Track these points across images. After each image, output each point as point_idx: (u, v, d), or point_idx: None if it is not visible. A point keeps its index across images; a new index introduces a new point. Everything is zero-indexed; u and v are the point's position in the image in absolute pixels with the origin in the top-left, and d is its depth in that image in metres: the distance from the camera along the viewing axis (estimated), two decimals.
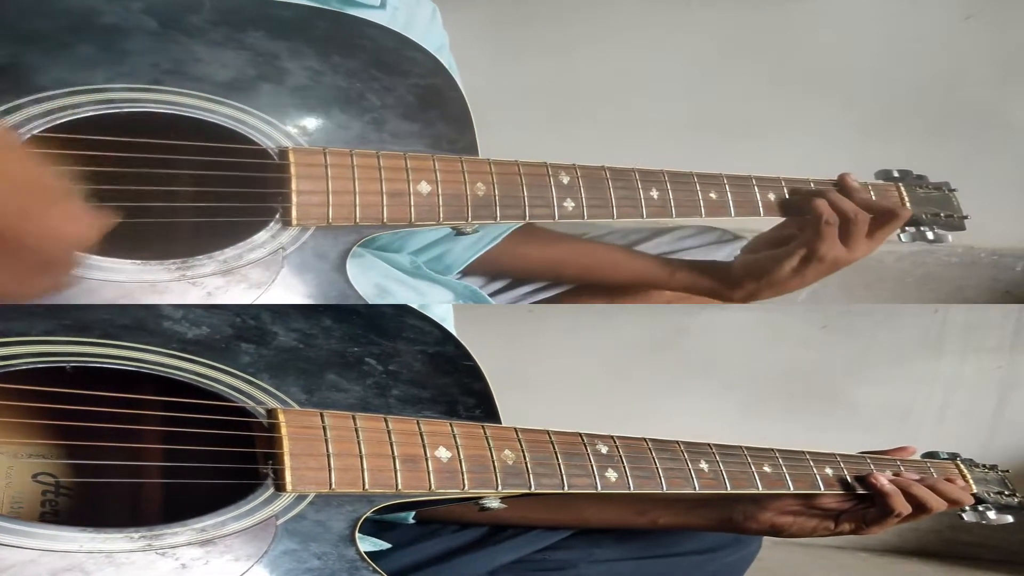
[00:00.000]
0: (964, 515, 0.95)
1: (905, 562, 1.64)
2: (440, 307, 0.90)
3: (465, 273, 1.02)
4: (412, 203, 0.70)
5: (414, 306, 0.76)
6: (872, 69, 1.52)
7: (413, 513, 0.89)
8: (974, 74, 1.53)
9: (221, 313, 0.67)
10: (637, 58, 1.50)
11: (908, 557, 1.65)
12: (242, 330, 0.67)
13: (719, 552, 0.94)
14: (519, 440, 0.71)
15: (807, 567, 1.58)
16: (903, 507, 0.87)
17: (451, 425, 0.69)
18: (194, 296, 0.63)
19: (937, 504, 0.88)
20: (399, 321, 0.74)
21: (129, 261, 0.61)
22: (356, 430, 0.65)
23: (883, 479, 0.88)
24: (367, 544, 0.82)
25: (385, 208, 0.69)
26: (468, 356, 0.75)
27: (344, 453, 0.64)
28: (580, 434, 0.74)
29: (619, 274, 1.03)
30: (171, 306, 0.64)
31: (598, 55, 1.50)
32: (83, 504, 0.67)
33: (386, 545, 0.84)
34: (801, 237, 0.90)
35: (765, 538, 0.98)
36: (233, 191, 0.65)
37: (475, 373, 0.74)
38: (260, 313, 0.68)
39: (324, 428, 0.64)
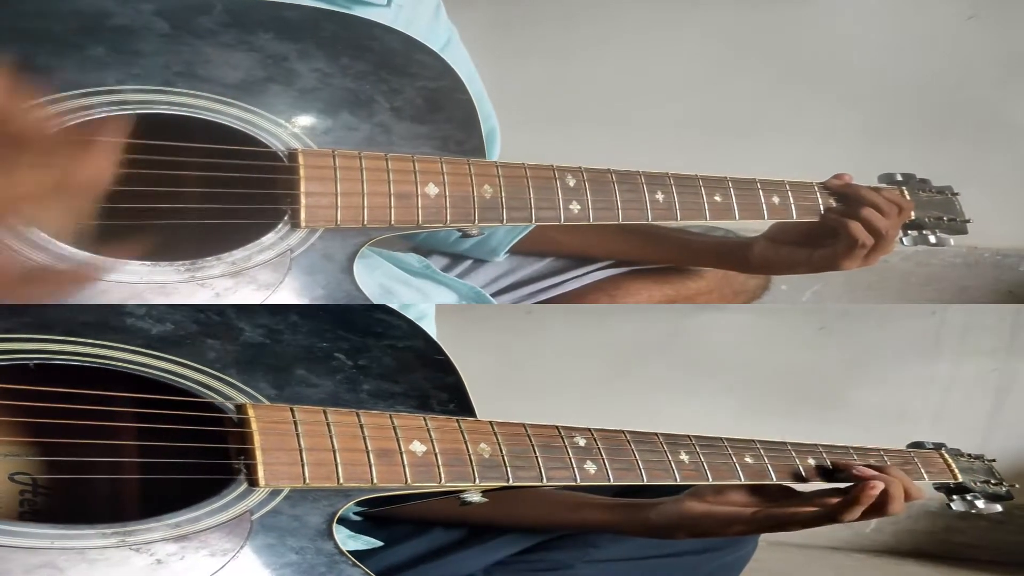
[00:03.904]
0: (952, 504, 0.94)
1: (901, 563, 1.64)
2: (422, 304, 0.90)
3: (513, 252, 1.02)
4: (419, 205, 0.71)
5: (410, 306, 0.76)
6: (875, 69, 1.52)
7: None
8: (977, 74, 1.53)
9: (185, 309, 0.66)
10: (642, 59, 1.50)
11: (904, 558, 1.65)
12: (207, 326, 0.66)
13: (716, 552, 0.95)
14: (495, 433, 0.70)
15: (804, 568, 1.58)
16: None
17: (425, 419, 0.68)
18: (203, 297, 0.63)
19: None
20: (367, 316, 0.73)
21: (139, 262, 0.61)
22: (328, 424, 0.64)
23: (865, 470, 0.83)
24: (359, 542, 0.82)
25: (392, 210, 0.69)
26: (439, 350, 0.74)
27: (317, 448, 0.63)
28: (557, 427, 0.74)
29: (645, 258, 1.06)
30: (134, 303, 0.63)
31: (602, 57, 1.50)
32: (62, 502, 0.66)
33: (378, 543, 0.85)
34: (828, 249, 0.93)
35: (762, 539, 0.98)
36: (242, 192, 0.65)
37: (447, 367, 0.73)
38: (224, 309, 0.67)
39: (295, 423, 0.63)
